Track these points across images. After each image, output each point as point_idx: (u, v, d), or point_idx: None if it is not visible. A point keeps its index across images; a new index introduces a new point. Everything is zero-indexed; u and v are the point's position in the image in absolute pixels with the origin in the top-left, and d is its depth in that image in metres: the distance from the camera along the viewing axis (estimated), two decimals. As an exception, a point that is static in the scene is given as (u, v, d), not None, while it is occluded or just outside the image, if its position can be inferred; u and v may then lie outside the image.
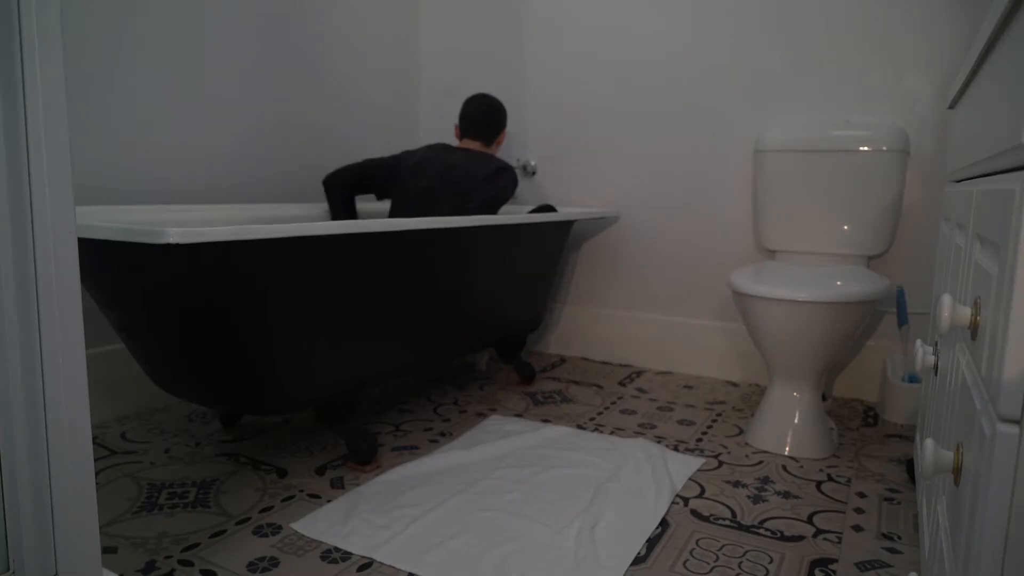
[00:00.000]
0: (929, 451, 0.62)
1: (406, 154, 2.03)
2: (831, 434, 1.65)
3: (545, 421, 1.81)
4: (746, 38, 2.12)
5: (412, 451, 1.58)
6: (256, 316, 1.24)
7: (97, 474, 1.42)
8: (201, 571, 1.08)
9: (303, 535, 1.20)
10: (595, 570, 1.10)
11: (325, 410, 1.46)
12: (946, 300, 0.65)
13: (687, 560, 1.15)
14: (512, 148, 2.56)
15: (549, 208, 2.15)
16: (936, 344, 1.10)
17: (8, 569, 0.69)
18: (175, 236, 0.98)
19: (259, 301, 1.24)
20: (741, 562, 1.14)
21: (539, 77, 2.47)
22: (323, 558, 1.12)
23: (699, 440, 1.70)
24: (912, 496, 1.41)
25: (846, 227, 1.93)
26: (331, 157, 2.32)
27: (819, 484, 1.46)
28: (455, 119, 2.65)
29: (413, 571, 1.08)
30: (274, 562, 1.11)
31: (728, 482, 1.46)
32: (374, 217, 2.23)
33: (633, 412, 1.91)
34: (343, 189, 2.01)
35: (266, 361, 1.29)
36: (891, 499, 1.39)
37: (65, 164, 0.69)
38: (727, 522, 1.28)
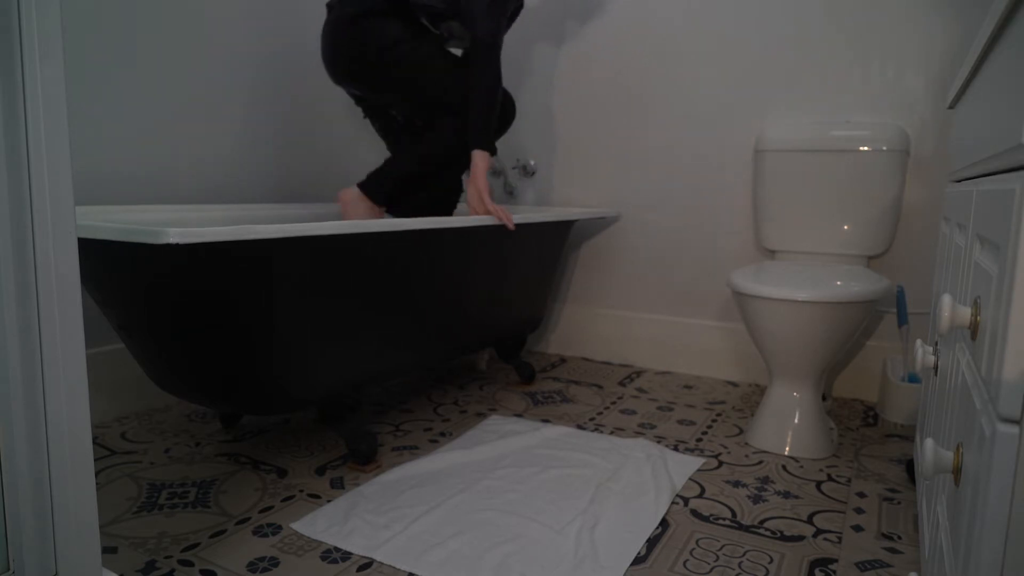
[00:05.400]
0: (929, 451, 0.62)
1: None
2: (831, 434, 1.65)
3: (545, 421, 1.81)
4: (746, 38, 2.12)
5: (412, 451, 1.58)
6: (256, 316, 1.25)
7: (97, 474, 1.42)
8: (201, 571, 1.08)
9: (303, 535, 1.20)
10: (595, 570, 1.10)
11: (326, 410, 1.46)
12: (946, 300, 0.64)
13: (687, 560, 1.15)
14: (512, 147, 2.56)
15: None
16: (936, 344, 1.10)
17: (8, 569, 0.69)
18: (175, 236, 0.98)
19: (259, 301, 1.24)
20: (741, 562, 1.14)
21: (539, 76, 2.47)
22: (323, 558, 1.12)
23: (699, 440, 1.70)
24: (912, 496, 1.41)
25: (846, 227, 1.93)
26: (331, 157, 2.32)
27: (819, 484, 1.46)
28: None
29: (413, 571, 1.08)
30: (274, 562, 1.11)
31: (728, 482, 1.46)
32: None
33: (633, 412, 1.91)
34: None
35: (266, 361, 1.29)
36: (891, 499, 1.39)
37: (65, 164, 0.69)
38: (727, 522, 1.28)
